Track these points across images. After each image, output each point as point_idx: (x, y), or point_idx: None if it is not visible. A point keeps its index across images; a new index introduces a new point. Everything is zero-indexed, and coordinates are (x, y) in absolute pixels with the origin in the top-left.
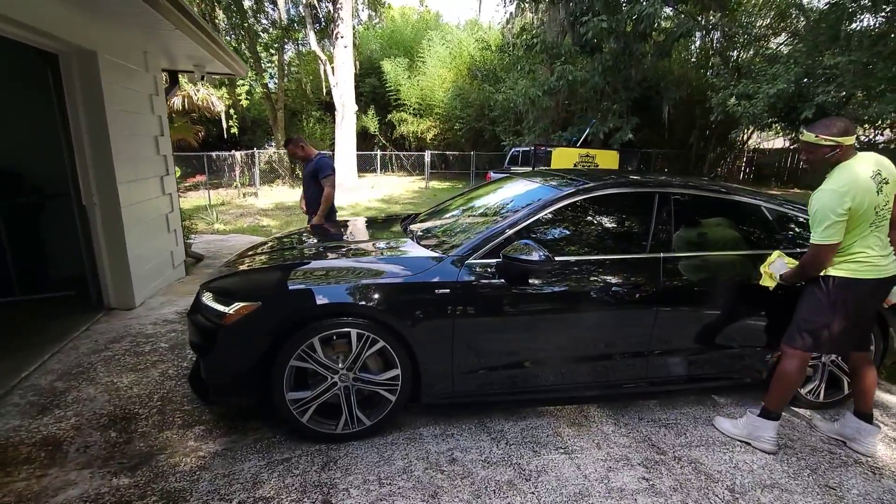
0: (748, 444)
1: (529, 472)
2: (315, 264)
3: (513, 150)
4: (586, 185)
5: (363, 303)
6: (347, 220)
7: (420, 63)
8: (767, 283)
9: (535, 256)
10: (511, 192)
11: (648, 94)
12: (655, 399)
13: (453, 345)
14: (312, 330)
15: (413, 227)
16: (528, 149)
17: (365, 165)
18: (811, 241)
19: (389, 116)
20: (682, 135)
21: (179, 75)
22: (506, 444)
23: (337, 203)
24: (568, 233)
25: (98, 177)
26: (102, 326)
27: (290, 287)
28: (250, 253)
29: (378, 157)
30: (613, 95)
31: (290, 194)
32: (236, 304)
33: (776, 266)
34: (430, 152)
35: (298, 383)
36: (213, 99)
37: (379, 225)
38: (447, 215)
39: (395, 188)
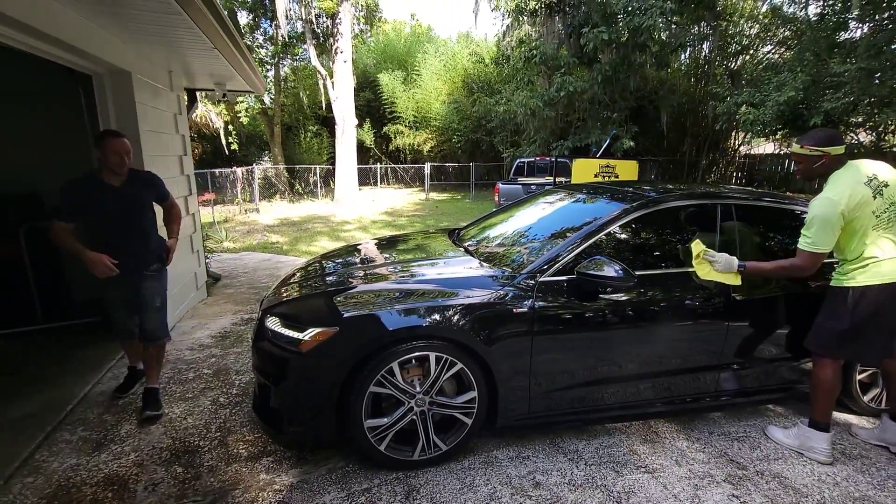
0: (801, 454)
1: (618, 494)
2: (385, 286)
3: (517, 160)
4: (652, 198)
5: (443, 324)
6: (379, 241)
7: (415, 76)
8: (704, 270)
9: (612, 272)
10: (560, 206)
11: (642, 104)
12: (719, 412)
13: (531, 364)
14: (392, 354)
15: (466, 242)
16: (532, 159)
17: (362, 179)
18: (800, 247)
19: (385, 129)
20: (674, 143)
21: (196, 93)
22: (585, 465)
23: (342, 217)
24: (636, 247)
25: None
26: None
27: (369, 311)
28: (295, 278)
29: (378, 169)
30: (612, 105)
31: (290, 209)
32: (311, 329)
33: (718, 258)
34: (429, 164)
35: (374, 411)
36: (212, 115)
37: (425, 242)
38: (498, 231)
39: (396, 201)
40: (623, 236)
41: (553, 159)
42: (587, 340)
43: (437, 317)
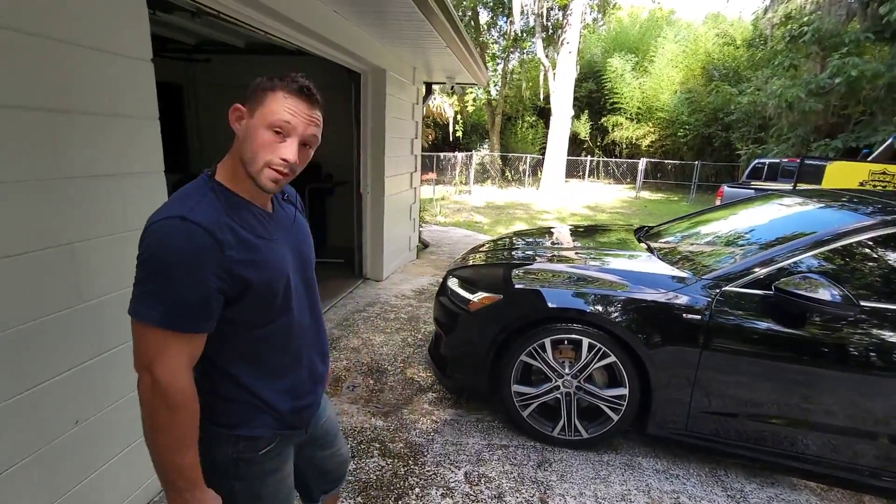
0: None
1: None
2: (553, 267)
3: (755, 161)
4: None
5: (601, 313)
6: (562, 228)
7: (647, 63)
8: None
9: (825, 295)
10: (776, 214)
11: None
12: None
13: (696, 378)
14: (546, 330)
15: (651, 240)
16: (777, 161)
17: (571, 171)
18: None
19: (603, 121)
20: None
21: (433, 86)
22: None
23: (542, 206)
24: (869, 272)
25: (373, 171)
26: (361, 292)
27: (531, 286)
28: (484, 248)
29: (588, 162)
30: None
31: (497, 194)
32: (480, 293)
33: None
34: (644, 160)
35: (522, 379)
36: (445, 106)
37: (610, 233)
38: (691, 232)
39: (602, 196)
40: (854, 256)
41: (801, 161)
42: (774, 369)
43: (598, 305)
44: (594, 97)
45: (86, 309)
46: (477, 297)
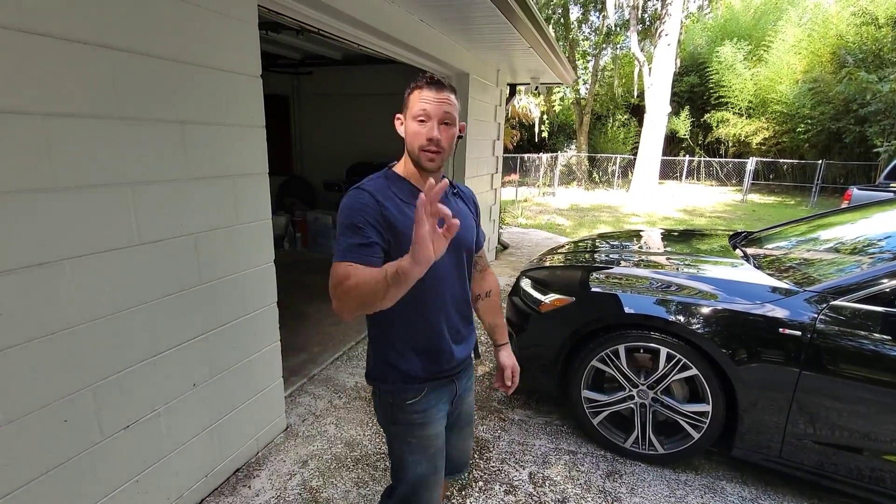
0: None
1: None
2: (633, 271)
3: None
4: None
5: (682, 322)
6: (651, 231)
7: (762, 51)
8: None
9: None
10: None
11: None
12: None
13: (792, 401)
14: (621, 336)
15: (749, 247)
16: None
17: (666, 171)
18: None
19: (706, 117)
20: None
21: (517, 87)
22: None
23: (631, 209)
24: None
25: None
26: None
27: (605, 290)
28: (562, 250)
29: (686, 162)
30: None
31: (582, 196)
32: (552, 295)
33: None
34: (754, 159)
35: (593, 385)
36: (532, 106)
37: (697, 239)
38: (796, 239)
39: (701, 199)
40: None
41: None
42: (893, 399)
43: (679, 314)
44: (696, 91)
45: (204, 289)
46: (548, 299)
